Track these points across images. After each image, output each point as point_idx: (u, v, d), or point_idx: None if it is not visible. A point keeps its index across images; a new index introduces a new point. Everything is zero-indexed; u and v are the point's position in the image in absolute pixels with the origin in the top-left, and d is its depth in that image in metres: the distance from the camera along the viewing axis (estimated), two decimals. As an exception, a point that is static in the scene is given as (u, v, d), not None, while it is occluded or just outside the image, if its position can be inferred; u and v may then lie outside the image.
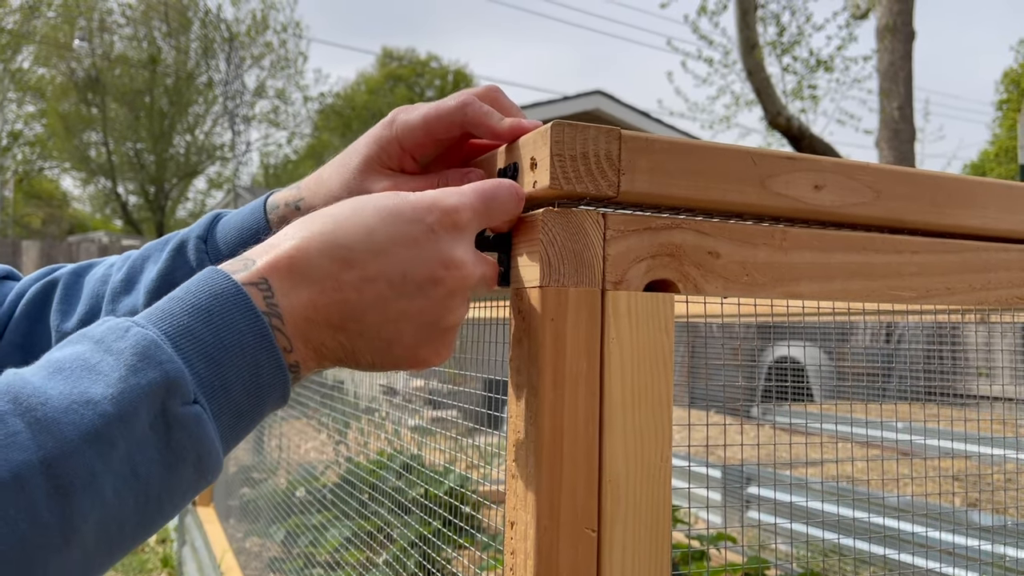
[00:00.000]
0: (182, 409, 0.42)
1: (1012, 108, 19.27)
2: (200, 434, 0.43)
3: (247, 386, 0.46)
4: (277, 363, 0.47)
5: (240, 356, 0.45)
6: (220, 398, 0.44)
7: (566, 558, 0.55)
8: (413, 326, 0.52)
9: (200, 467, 0.44)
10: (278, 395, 0.48)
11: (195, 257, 0.72)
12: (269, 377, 0.47)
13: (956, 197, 0.69)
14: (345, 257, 0.49)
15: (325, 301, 0.49)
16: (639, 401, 0.57)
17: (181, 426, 0.42)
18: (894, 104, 8.85)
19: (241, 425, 0.47)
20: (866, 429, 2.98)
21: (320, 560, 2.05)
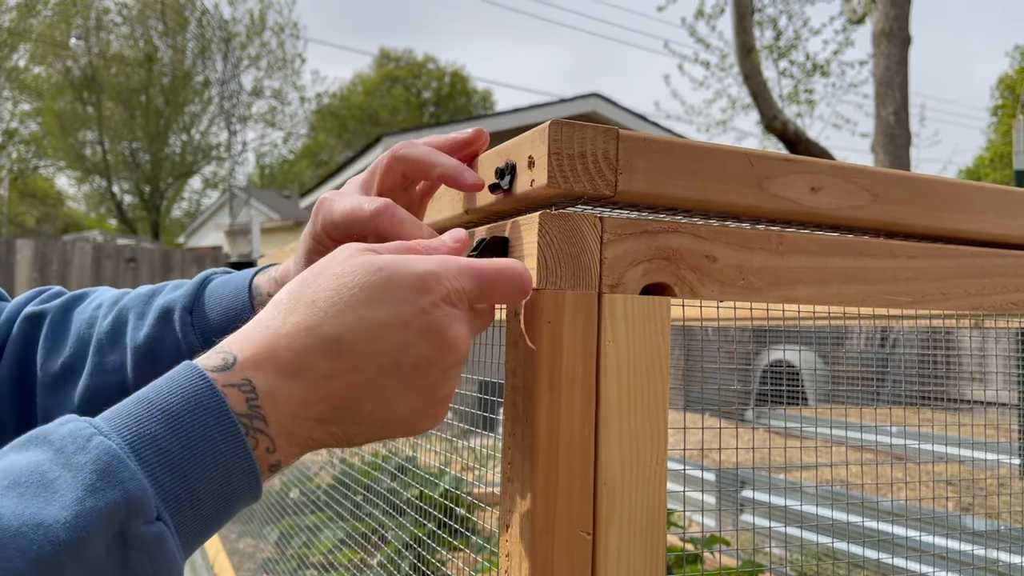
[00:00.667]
0: (143, 528, 0.40)
1: (1007, 114, 19.33)
2: (161, 554, 0.40)
3: (216, 495, 0.43)
4: (251, 470, 0.44)
5: (212, 466, 0.43)
6: (185, 511, 0.42)
7: (561, 561, 0.55)
8: (408, 405, 0.49)
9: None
10: (249, 498, 0.46)
11: (180, 328, 0.72)
12: (241, 484, 0.44)
13: (953, 201, 0.70)
14: (334, 349, 0.46)
15: (314, 397, 0.46)
16: (635, 404, 0.57)
17: (140, 546, 0.40)
18: (890, 109, 8.87)
19: (207, 530, 0.44)
20: (860, 433, 2.98)
21: (314, 561, 2.04)
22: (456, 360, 0.50)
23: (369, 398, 0.48)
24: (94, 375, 0.73)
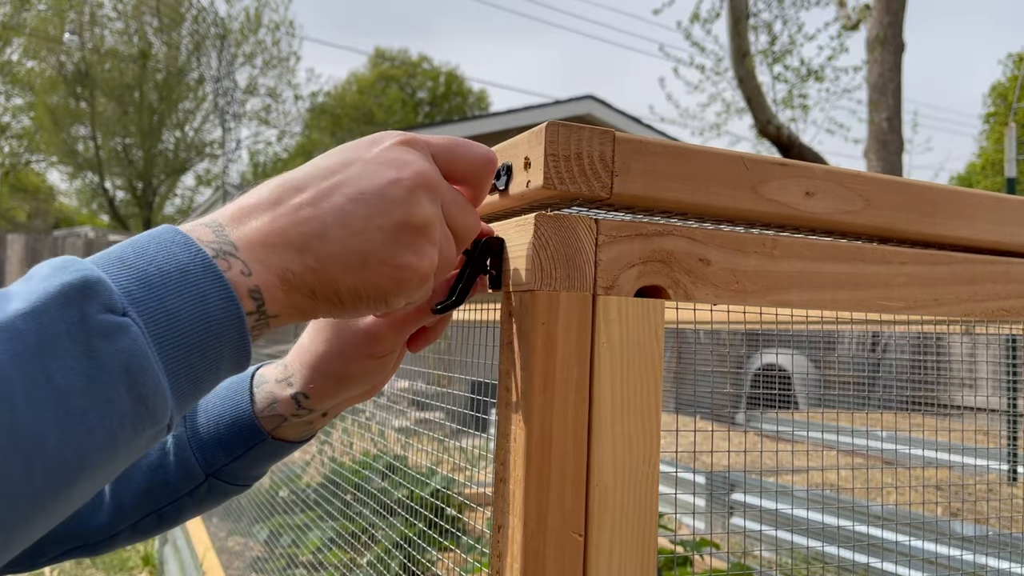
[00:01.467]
0: (103, 316, 0.38)
1: (999, 121, 19.43)
2: (128, 346, 0.38)
3: (192, 315, 0.41)
4: (226, 292, 0.43)
5: (183, 284, 0.41)
6: (161, 322, 0.40)
7: (552, 562, 0.55)
8: (382, 232, 0.48)
9: (135, 389, 0.39)
10: (232, 331, 0.43)
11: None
12: (218, 307, 0.42)
13: (946, 208, 0.70)
14: (296, 186, 0.48)
15: (281, 224, 0.46)
16: (628, 406, 0.57)
17: (102, 333, 0.38)
18: (883, 115, 8.91)
19: (194, 363, 0.42)
20: (851, 437, 2.99)
21: (303, 560, 2.04)
22: (419, 178, 0.50)
23: (338, 225, 0.47)
24: None
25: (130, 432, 0.39)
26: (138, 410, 0.39)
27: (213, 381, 0.44)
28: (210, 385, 0.44)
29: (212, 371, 0.43)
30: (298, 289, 0.46)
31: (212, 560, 2.44)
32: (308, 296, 0.47)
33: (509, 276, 0.60)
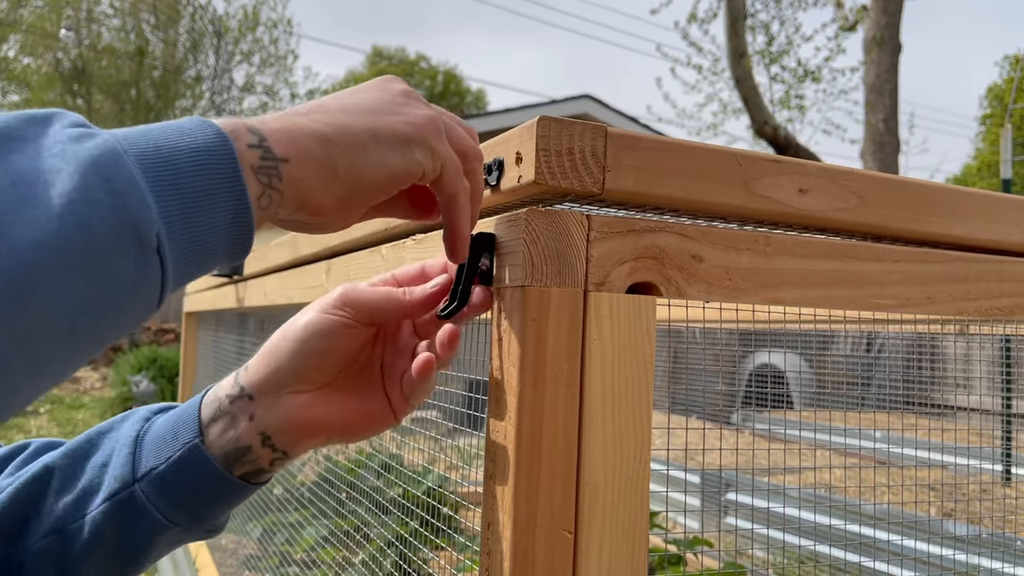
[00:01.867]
0: (71, 129, 0.38)
1: (995, 123, 19.47)
2: (99, 143, 0.37)
3: (178, 144, 0.40)
4: (215, 130, 0.42)
5: (167, 126, 0.41)
6: (141, 142, 0.39)
7: (542, 560, 0.55)
8: (381, 99, 0.50)
9: (109, 183, 0.36)
10: (226, 166, 0.41)
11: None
12: (205, 137, 0.41)
13: (939, 206, 0.70)
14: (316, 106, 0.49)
15: (292, 111, 0.48)
16: (619, 403, 0.57)
17: (69, 139, 0.37)
18: (879, 116, 8.92)
19: (182, 185, 0.39)
20: (844, 438, 2.99)
21: (296, 558, 2.03)
22: (409, 91, 0.52)
23: (338, 107, 0.49)
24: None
25: (110, 238, 0.36)
26: (114, 202, 0.36)
27: (210, 223, 0.41)
28: (209, 230, 0.41)
29: (208, 205, 0.41)
30: (307, 133, 0.46)
31: (205, 558, 2.43)
32: (320, 141, 0.46)
33: (501, 272, 0.59)
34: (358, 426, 0.60)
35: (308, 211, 0.47)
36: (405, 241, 0.81)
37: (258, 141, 0.44)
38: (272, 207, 0.44)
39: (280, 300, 1.46)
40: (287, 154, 0.45)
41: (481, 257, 0.60)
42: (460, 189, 0.53)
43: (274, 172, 0.44)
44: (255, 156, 0.43)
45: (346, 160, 0.47)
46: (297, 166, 0.45)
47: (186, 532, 0.61)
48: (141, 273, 0.38)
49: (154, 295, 0.39)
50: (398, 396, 0.60)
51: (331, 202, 0.47)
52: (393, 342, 0.63)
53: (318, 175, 0.46)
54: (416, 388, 0.60)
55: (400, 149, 0.49)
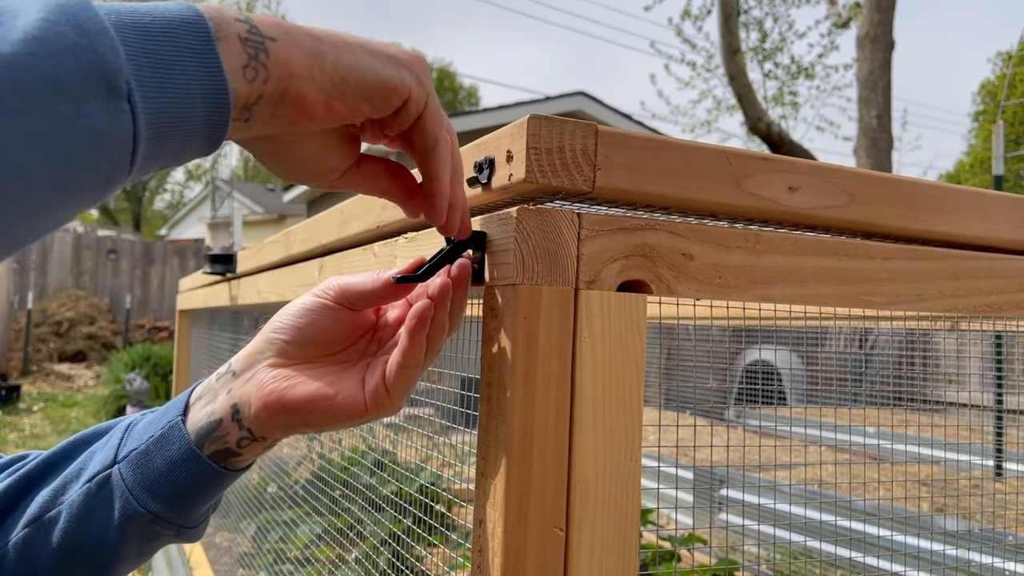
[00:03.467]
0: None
1: (988, 119, 19.53)
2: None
3: (152, 12, 0.39)
4: (193, 9, 0.41)
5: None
6: (104, 3, 0.38)
7: (533, 557, 0.55)
8: (356, 36, 0.49)
9: (73, 21, 0.35)
10: (198, 38, 0.40)
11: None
12: (178, 9, 0.40)
13: (929, 203, 0.70)
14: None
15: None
16: (610, 401, 0.57)
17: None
18: (873, 113, 8.95)
19: (151, 47, 0.38)
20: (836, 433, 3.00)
21: (291, 556, 2.03)
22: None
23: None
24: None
25: (76, 72, 0.35)
26: (81, 40, 0.35)
27: (184, 88, 0.39)
28: (182, 95, 0.39)
29: (180, 71, 0.39)
30: (297, 26, 0.45)
31: (199, 556, 2.43)
32: (310, 35, 0.45)
33: (492, 270, 0.59)
34: (322, 408, 0.58)
35: (291, 104, 0.45)
36: (397, 239, 0.81)
37: (245, 19, 0.43)
38: (258, 82, 0.43)
39: (273, 298, 1.46)
40: (274, 35, 0.44)
41: (464, 251, 0.60)
42: (442, 139, 0.52)
43: (260, 47, 0.43)
44: (242, 27, 0.43)
45: (334, 54, 0.46)
46: (284, 46, 0.44)
47: (157, 523, 0.60)
48: (111, 118, 0.36)
49: (125, 150, 0.37)
50: (378, 383, 0.58)
51: (315, 94, 0.45)
52: (385, 343, 0.63)
53: (305, 59, 0.45)
54: (401, 365, 0.57)
55: (389, 63, 0.48)
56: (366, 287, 0.59)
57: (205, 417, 0.60)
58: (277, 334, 0.61)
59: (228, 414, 0.59)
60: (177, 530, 0.62)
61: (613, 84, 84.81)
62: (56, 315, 10.86)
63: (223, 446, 0.60)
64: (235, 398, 0.60)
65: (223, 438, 0.60)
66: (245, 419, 0.59)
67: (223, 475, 0.61)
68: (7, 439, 6.22)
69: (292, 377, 0.59)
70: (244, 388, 0.60)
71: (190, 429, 0.60)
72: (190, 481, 0.60)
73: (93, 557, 0.61)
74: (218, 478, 0.61)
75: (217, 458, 0.60)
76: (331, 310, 0.61)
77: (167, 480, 0.60)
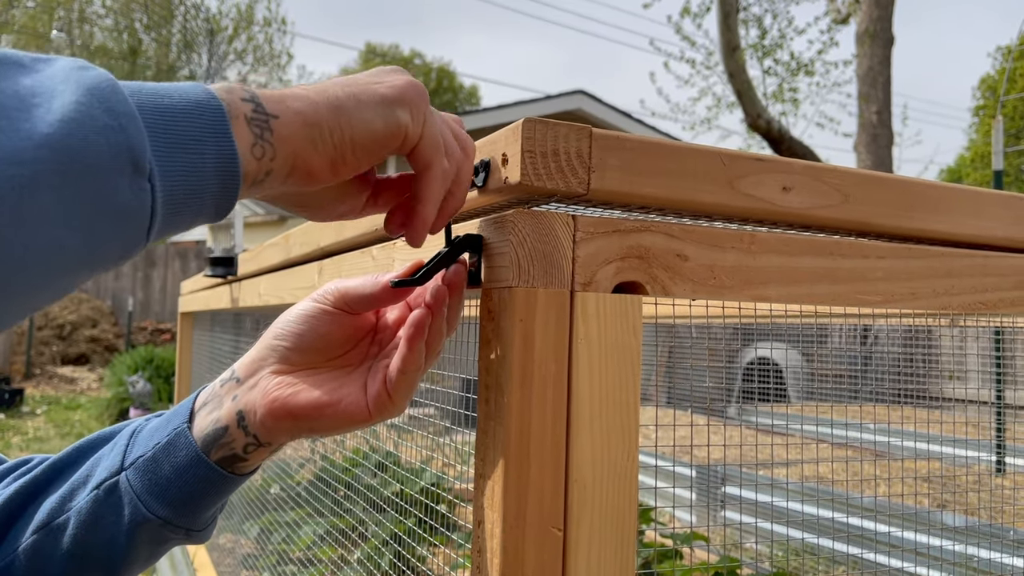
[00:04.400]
0: (75, 61, 0.40)
1: (988, 114, 19.50)
2: (97, 74, 0.39)
3: (173, 101, 0.42)
4: (205, 90, 0.44)
5: (170, 87, 0.43)
6: (129, 85, 0.41)
7: (532, 557, 0.55)
8: (362, 75, 0.52)
9: (106, 103, 0.38)
10: (215, 118, 0.43)
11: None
12: (196, 94, 0.43)
13: (923, 202, 0.70)
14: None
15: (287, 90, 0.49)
16: (607, 402, 0.58)
17: (73, 66, 0.39)
18: (872, 108, 8.94)
19: (171, 127, 0.41)
20: (836, 429, 3.01)
21: (294, 557, 2.04)
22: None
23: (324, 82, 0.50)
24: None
25: (106, 153, 0.37)
26: (111, 122, 0.38)
27: (199, 167, 0.42)
28: (197, 174, 0.42)
29: (196, 151, 0.42)
30: (293, 97, 0.48)
31: (203, 558, 2.44)
32: (306, 103, 0.48)
33: (488, 273, 0.60)
34: (327, 415, 0.59)
35: (301, 174, 0.48)
36: (395, 242, 0.81)
37: (250, 97, 0.46)
38: (265, 159, 0.45)
39: (273, 300, 1.46)
40: (276, 112, 0.46)
41: (461, 254, 0.60)
42: (436, 164, 0.53)
43: (265, 125, 0.45)
44: (248, 108, 0.45)
45: (331, 119, 0.48)
46: (286, 124, 0.46)
47: (166, 528, 0.61)
48: (134, 196, 0.39)
49: (143, 226, 0.40)
50: (380, 389, 0.59)
51: (322, 162, 0.48)
52: (385, 346, 0.64)
53: (306, 133, 0.47)
54: (402, 371, 0.58)
55: (382, 109, 0.50)
56: (365, 291, 0.60)
57: (211, 424, 0.61)
58: (279, 341, 0.62)
59: (234, 421, 0.60)
60: (186, 533, 0.63)
61: (613, 82, 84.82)
62: (58, 318, 10.88)
63: (230, 452, 0.61)
64: (240, 405, 0.61)
65: (229, 445, 0.61)
66: (251, 426, 0.60)
67: (230, 479, 0.62)
68: (11, 442, 6.23)
69: (295, 384, 0.60)
70: (249, 395, 0.61)
71: (196, 436, 0.61)
72: (198, 486, 0.61)
73: (104, 562, 0.62)
74: (225, 482, 0.62)
75: (224, 464, 0.61)
76: (331, 315, 0.61)
77: (175, 486, 0.61)
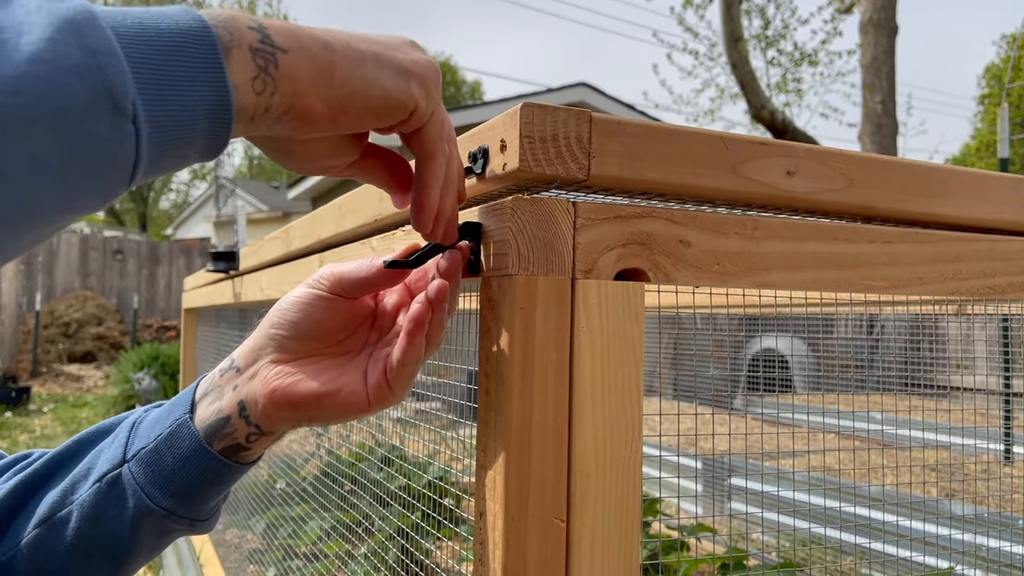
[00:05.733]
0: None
1: (993, 102, 19.40)
2: (75, 4, 0.35)
3: (158, 22, 0.39)
4: (193, 15, 0.40)
5: (155, 11, 0.40)
6: (119, 16, 0.38)
7: (534, 548, 0.55)
8: (383, 36, 0.50)
9: (84, 39, 0.35)
10: (204, 46, 0.40)
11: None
12: (185, 20, 0.40)
13: (929, 186, 0.69)
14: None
15: (292, 23, 0.46)
16: (609, 391, 0.57)
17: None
18: (877, 98, 8.90)
19: (159, 61, 0.38)
20: (843, 419, 3.00)
21: (300, 552, 2.04)
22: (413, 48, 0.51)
23: (344, 31, 0.48)
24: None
25: (82, 93, 0.34)
26: (87, 60, 0.35)
27: (188, 102, 0.39)
28: (186, 110, 0.39)
29: (185, 85, 0.39)
30: (310, 35, 0.45)
31: (209, 553, 2.44)
32: (322, 45, 0.45)
33: (487, 261, 0.59)
34: (326, 404, 0.59)
35: (297, 115, 0.45)
36: (395, 232, 0.81)
37: (258, 27, 0.43)
38: (266, 94, 0.43)
39: (276, 294, 1.46)
40: (286, 45, 0.44)
41: (458, 240, 0.60)
42: (440, 151, 0.52)
43: (271, 58, 0.43)
44: (254, 36, 0.42)
45: (344, 68, 0.46)
46: (294, 59, 0.44)
47: (171, 519, 0.61)
48: (115, 139, 0.36)
49: (126, 168, 0.38)
50: (379, 380, 0.59)
51: (322, 108, 0.46)
52: (386, 332, 0.63)
53: (313, 74, 0.45)
54: (402, 363, 0.57)
55: (399, 76, 0.48)
56: (359, 274, 0.60)
57: (213, 415, 0.61)
58: (276, 329, 0.61)
59: (236, 411, 0.60)
60: (190, 524, 0.63)
61: (616, 75, 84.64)
62: (64, 316, 10.91)
63: (233, 442, 0.61)
64: (241, 395, 0.60)
65: (232, 434, 0.60)
66: (252, 415, 0.60)
67: (234, 468, 0.62)
68: (18, 440, 6.25)
69: (295, 373, 0.60)
70: (249, 385, 0.60)
71: (199, 426, 0.61)
72: (202, 477, 0.61)
73: (108, 554, 0.61)
74: (229, 472, 0.62)
75: (227, 453, 0.61)
76: (326, 301, 0.61)
77: (179, 477, 0.60)
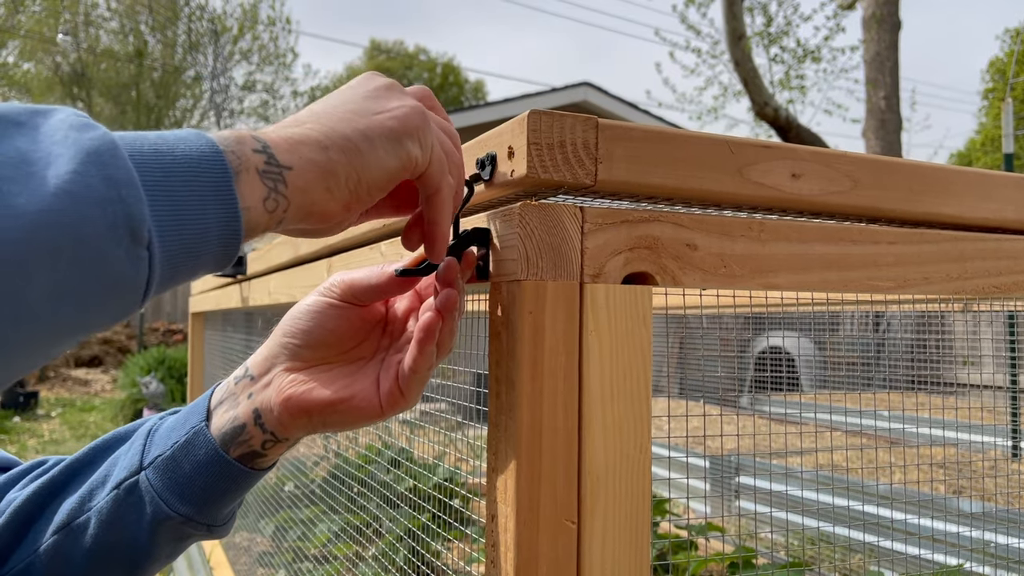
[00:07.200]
0: (75, 119, 0.38)
1: (997, 97, 19.34)
2: (99, 135, 0.38)
3: (174, 153, 0.41)
4: (207, 141, 0.42)
5: (170, 136, 0.42)
6: (136, 143, 0.40)
7: (546, 550, 0.55)
8: (365, 98, 0.52)
9: (105, 169, 0.37)
10: (217, 172, 0.42)
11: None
12: (198, 147, 0.42)
13: (933, 186, 0.70)
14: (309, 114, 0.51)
15: (284, 125, 0.49)
16: (618, 393, 0.57)
17: (71, 126, 0.37)
18: (880, 94, 8.88)
19: (174, 189, 0.40)
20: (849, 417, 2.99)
21: (310, 554, 2.04)
22: (391, 83, 0.54)
23: (324, 109, 0.51)
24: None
25: (102, 225, 0.36)
26: (109, 192, 0.37)
27: (200, 229, 0.41)
28: (197, 237, 0.41)
29: (198, 212, 0.41)
30: (305, 143, 0.47)
31: (219, 556, 2.45)
32: (318, 149, 0.47)
33: (496, 267, 0.60)
34: (339, 411, 0.60)
35: (316, 218, 0.48)
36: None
37: (262, 147, 0.45)
38: (278, 211, 0.45)
39: (283, 299, 1.47)
40: (290, 162, 0.46)
41: (469, 248, 0.61)
42: (444, 183, 0.54)
43: (279, 178, 0.45)
44: (260, 160, 0.45)
45: (346, 165, 0.48)
46: (300, 174, 0.46)
47: (188, 525, 0.62)
48: (131, 266, 0.38)
49: (139, 292, 0.39)
50: (392, 387, 0.59)
51: (337, 208, 0.49)
52: (397, 337, 0.64)
53: (322, 182, 0.47)
54: (413, 371, 0.58)
55: (393, 146, 0.50)
56: (370, 282, 0.61)
57: (229, 422, 0.62)
58: (288, 338, 0.62)
59: (251, 419, 0.61)
60: (207, 529, 0.64)
61: (618, 74, 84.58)
62: (72, 321, 10.93)
63: (248, 449, 0.62)
64: (256, 403, 0.61)
65: (248, 442, 0.61)
66: (267, 423, 0.61)
67: (250, 474, 0.63)
68: (27, 445, 6.28)
69: (308, 381, 0.61)
70: (264, 393, 0.61)
71: (214, 434, 0.62)
72: (218, 483, 0.62)
73: (125, 561, 0.62)
74: (245, 478, 0.63)
75: (243, 460, 0.62)
76: (338, 308, 0.62)
77: (196, 484, 0.61)
